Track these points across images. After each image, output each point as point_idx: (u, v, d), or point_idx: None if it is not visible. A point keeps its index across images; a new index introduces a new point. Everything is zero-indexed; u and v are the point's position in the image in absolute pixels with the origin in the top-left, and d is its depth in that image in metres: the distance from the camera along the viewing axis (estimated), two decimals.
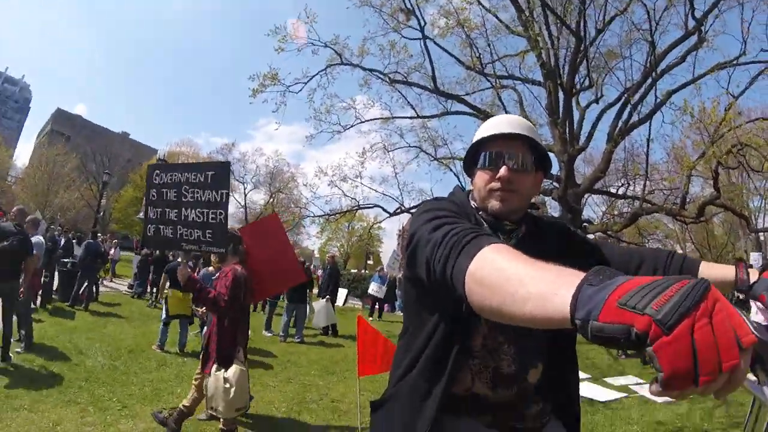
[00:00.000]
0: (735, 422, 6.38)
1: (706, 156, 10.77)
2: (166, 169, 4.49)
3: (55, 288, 12.12)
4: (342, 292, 19.54)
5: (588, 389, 7.64)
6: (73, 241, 14.55)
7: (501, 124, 1.57)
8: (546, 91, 13.27)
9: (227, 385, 4.07)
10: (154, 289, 13.72)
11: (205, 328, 6.09)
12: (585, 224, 14.19)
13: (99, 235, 17.11)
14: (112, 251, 20.12)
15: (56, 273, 12.14)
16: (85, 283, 11.85)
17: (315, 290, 14.95)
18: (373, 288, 17.49)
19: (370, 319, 17.19)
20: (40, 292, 10.78)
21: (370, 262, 41.62)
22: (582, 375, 6.59)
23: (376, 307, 17.76)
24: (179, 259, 8.92)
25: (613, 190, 17.19)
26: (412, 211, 15.42)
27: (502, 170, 1.50)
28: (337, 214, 16.21)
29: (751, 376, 1.18)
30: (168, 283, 9.10)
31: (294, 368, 8.24)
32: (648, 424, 6.22)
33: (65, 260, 12.45)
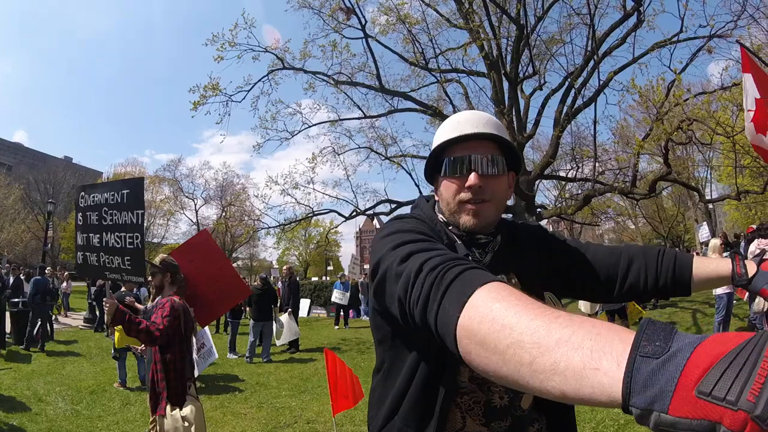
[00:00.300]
0: None
1: (655, 133, 10.98)
2: (90, 191, 4.13)
3: (8, 331, 11.50)
4: (305, 302, 19.25)
5: None
6: (22, 278, 13.83)
7: (462, 123, 1.38)
8: (490, 82, 13.36)
9: (186, 424, 3.79)
10: None
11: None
12: (539, 210, 14.34)
13: (48, 269, 16.38)
14: (63, 285, 19.31)
15: (7, 314, 11.50)
16: (38, 323, 11.28)
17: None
18: (336, 295, 17.23)
19: (336, 327, 16.98)
20: None
21: (330, 268, 41.16)
22: None
23: (341, 314, 17.52)
24: (122, 289, 8.62)
25: (563, 174, 17.41)
26: (368, 212, 15.32)
27: (472, 177, 1.30)
28: (291, 223, 15.94)
29: None
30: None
31: (264, 391, 7.95)
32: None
33: (15, 300, 11.81)
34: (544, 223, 22.33)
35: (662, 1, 12.01)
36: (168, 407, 3.81)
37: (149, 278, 4.22)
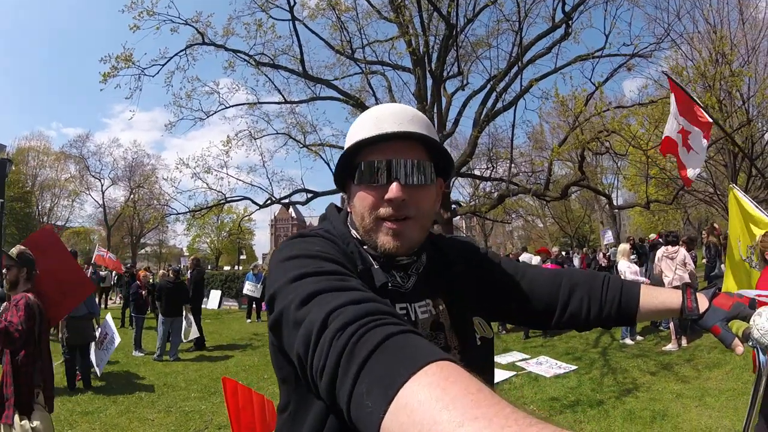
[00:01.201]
0: (624, 389, 6.70)
1: (573, 143, 11.43)
2: None
3: None
4: (215, 294, 18.53)
5: None
6: None
7: (383, 119, 1.09)
8: (415, 78, 13.31)
9: None
10: None
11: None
12: (454, 206, 14.54)
13: None
14: None
15: None
16: None
17: None
18: (248, 287, 16.58)
19: (249, 320, 16.45)
20: None
21: (243, 256, 40.28)
22: None
23: (254, 307, 16.97)
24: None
25: (478, 173, 17.75)
26: (283, 201, 14.90)
27: (393, 188, 1.04)
28: (202, 209, 15.21)
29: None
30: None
31: (172, 393, 7.49)
32: (543, 402, 6.33)
33: None
34: (457, 219, 22.88)
35: (591, 16, 12.62)
36: (16, 416, 3.41)
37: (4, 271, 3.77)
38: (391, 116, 1.10)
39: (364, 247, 1.15)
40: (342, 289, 0.86)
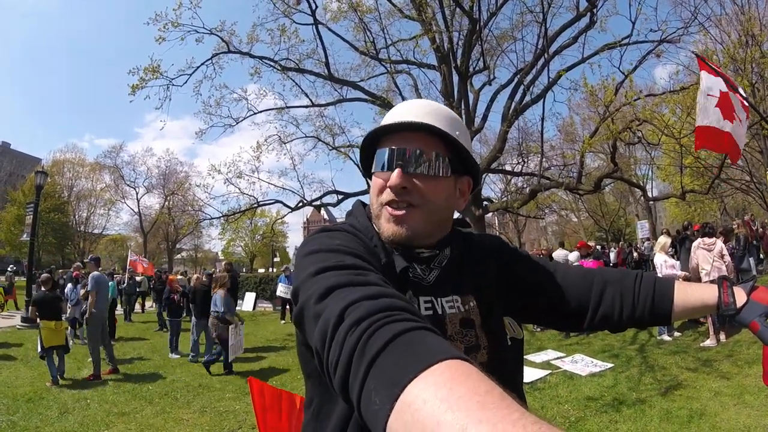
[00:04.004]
0: (662, 387, 6.50)
1: (604, 133, 11.21)
2: None
3: None
4: (250, 296, 18.74)
5: None
6: None
7: (405, 111, 1.12)
8: (440, 75, 13.25)
9: None
10: None
11: None
12: (486, 203, 14.41)
13: None
14: None
15: None
16: None
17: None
18: (281, 289, 16.78)
19: (283, 322, 16.64)
20: None
21: (276, 259, 40.51)
22: None
23: (287, 308, 17.14)
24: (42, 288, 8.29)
25: (509, 168, 17.60)
26: (315, 203, 15.00)
27: (394, 174, 1.06)
28: (235, 213, 15.45)
29: None
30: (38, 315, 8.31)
31: (207, 393, 7.63)
32: (579, 401, 6.19)
33: None
34: (489, 216, 22.75)
35: (615, 3, 12.30)
36: None
37: None
38: (412, 110, 1.12)
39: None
40: (361, 283, 0.85)
